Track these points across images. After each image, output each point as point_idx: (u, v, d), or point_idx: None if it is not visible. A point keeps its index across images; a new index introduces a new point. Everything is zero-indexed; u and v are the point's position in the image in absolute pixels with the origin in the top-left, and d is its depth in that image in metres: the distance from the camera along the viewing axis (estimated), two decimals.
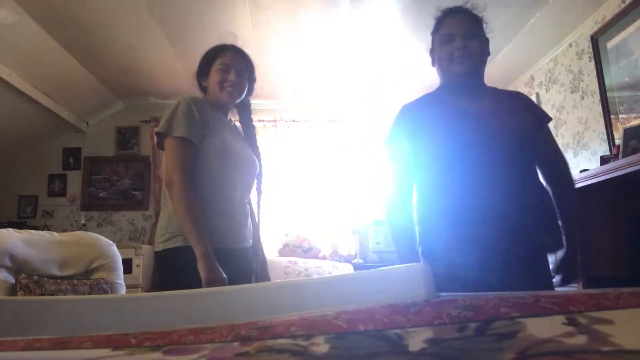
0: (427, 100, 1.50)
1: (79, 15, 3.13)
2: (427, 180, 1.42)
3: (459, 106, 1.41)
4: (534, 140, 1.41)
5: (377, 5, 3.10)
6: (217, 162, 1.62)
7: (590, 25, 3.10)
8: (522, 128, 1.39)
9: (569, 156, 3.40)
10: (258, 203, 1.84)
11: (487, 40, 1.46)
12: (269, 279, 1.85)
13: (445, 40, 1.41)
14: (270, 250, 4.44)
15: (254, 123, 1.89)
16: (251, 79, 1.77)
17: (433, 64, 1.51)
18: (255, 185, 1.80)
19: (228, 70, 1.68)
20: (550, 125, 1.54)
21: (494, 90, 1.51)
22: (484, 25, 1.47)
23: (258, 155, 1.81)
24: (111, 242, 2.45)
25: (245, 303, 0.62)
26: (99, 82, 4.21)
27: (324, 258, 4.38)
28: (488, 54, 1.47)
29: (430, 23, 1.52)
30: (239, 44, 1.79)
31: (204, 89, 1.77)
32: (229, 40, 1.76)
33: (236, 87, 1.70)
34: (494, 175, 1.31)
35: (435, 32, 1.48)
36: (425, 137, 1.40)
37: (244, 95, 1.77)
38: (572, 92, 3.37)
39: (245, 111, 1.85)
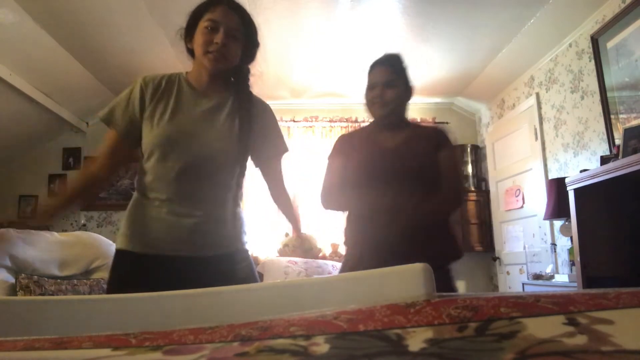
0: (359, 134, 1.83)
1: (79, 15, 3.13)
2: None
3: (378, 142, 1.72)
4: (425, 172, 1.65)
5: (377, 5, 3.10)
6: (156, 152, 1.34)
7: (590, 25, 3.10)
8: (414, 162, 1.65)
9: (569, 156, 3.40)
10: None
11: (408, 87, 1.73)
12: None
13: (369, 87, 1.72)
14: (270, 250, 4.45)
15: (251, 97, 1.44)
16: (251, 43, 1.41)
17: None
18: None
19: (216, 29, 1.32)
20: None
21: (415, 127, 1.78)
22: (407, 73, 1.73)
23: (246, 140, 1.38)
24: (111, 242, 2.46)
25: (245, 303, 0.62)
26: (99, 82, 4.21)
27: (324, 258, 4.38)
28: (409, 97, 1.74)
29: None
30: None
31: (192, 53, 1.42)
32: None
33: (221, 50, 1.32)
34: (385, 199, 1.61)
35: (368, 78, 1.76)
36: (350, 165, 1.73)
37: (236, 62, 1.39)
38: (572, 92, 3.37)
39: (241, 84, 1.43)
